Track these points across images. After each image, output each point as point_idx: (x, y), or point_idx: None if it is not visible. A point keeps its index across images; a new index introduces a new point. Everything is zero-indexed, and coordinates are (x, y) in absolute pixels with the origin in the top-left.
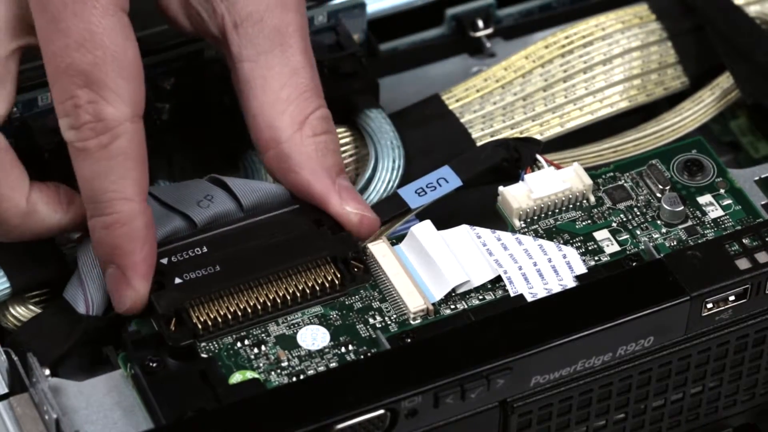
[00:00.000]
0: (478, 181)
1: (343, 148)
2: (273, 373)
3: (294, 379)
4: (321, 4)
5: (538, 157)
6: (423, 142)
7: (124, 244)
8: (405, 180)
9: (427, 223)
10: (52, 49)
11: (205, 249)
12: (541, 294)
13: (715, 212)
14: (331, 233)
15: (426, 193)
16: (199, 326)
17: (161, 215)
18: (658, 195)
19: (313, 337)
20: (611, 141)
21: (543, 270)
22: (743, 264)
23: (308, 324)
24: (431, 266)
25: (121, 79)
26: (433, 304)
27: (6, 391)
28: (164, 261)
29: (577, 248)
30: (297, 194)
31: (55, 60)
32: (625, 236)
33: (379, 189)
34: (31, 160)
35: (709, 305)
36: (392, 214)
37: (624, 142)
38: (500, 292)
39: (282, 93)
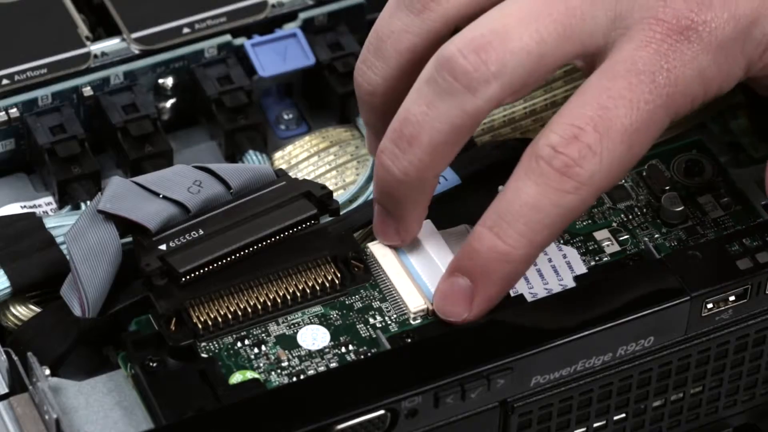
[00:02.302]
0: (477, 180)
1: (343, 148)
2: (273, 373)
3: (294, 379)
4: (321, 4)
5: None
6: None
7: (497, 272)
8: None
9: (428, 223)
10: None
11: (201, 232)
12: (542, 294)
13: (715, 212)
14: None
15: None
16: (199, 326)
17: (155, 204)
18: (659, 195)
19: (314, 336)
20: None
21: (543, 270)
22: (743, 264)
23: (308, 324)
24: (431, 266)
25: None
26: (433, 304)
27: (6, 391)
28: (163, 247)
29: (578, 248)
30: None
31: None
32: (625, 236)
33: None
34: (32, 160)
35: (710, 305)
36: None
37: None
38: None
39: None
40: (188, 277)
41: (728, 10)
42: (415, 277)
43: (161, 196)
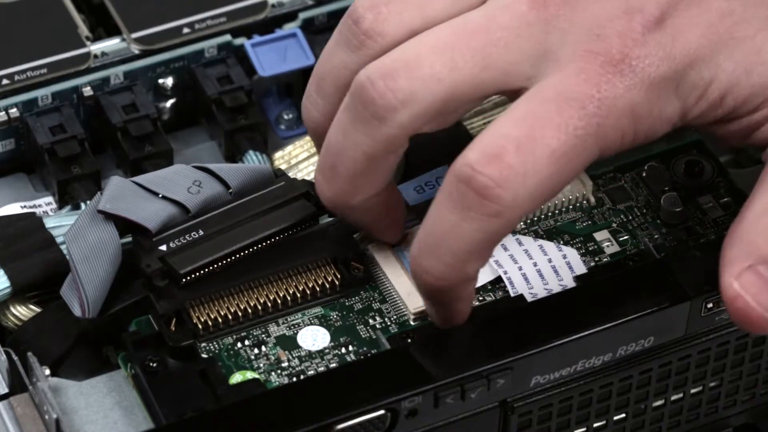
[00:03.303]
0: None
1: None
2: (273, 373)
3: (294, 379)
4: (321, 4)
5: None
6: (423, 141)
7: (437, 300)
8: (405, 179)
9: None
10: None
11: (201, 232)
12: (542, 294)
13: (715, 212)
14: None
15: (425, 191)
16: (200, 326)
17: (155, 205)
18: (659, 195)
19: (314, 337)
20: None
21: (543, 270)
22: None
23: (308, 324)
24: None
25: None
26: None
27: (6, 391)
28: (163, 248)
29: (578, 249)
30: None
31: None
32: (625, 237)
33: None
34: (32, 160)
35: (709, 305)
36: None
37: None
38: (500, 292)
39: None
40: (189, 278)
41: (663, 48)
42: None
43: (160, 196)
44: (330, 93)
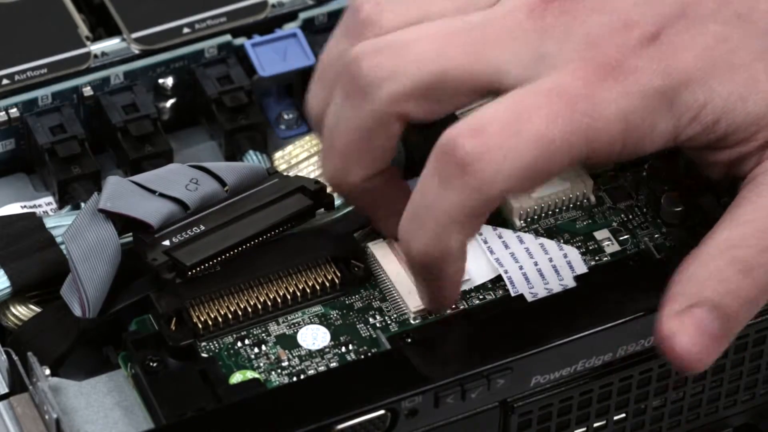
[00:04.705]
0: None
1: None
2: (273, 372)
3: (294, 378)
4: (321, 4)
5: None
6: (423, 141)
7: (426, 275)
8: (405, 179)
9: None
10: None
11: (202, 227)
12: (542, 294)
13: (715, 212)
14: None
15: None
16: (200, 326)
17: (154, 202)
18: (659, 195)
19: (314, 336)
20: None
21: (544, 270)
22: None
23: (308, 323)
24: None
25: None
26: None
27: (6, 390)
28: (166, 243)
29: (578, 248)
30: None
31: None
32: (625, 236)
33: None
34: (32, 160)
35: None
36: None
37: None
38: (501, 291)
39: None
40: (194, 270)
41: (659, 63)
42: None
43: (157, 193)
44: (330, 81)
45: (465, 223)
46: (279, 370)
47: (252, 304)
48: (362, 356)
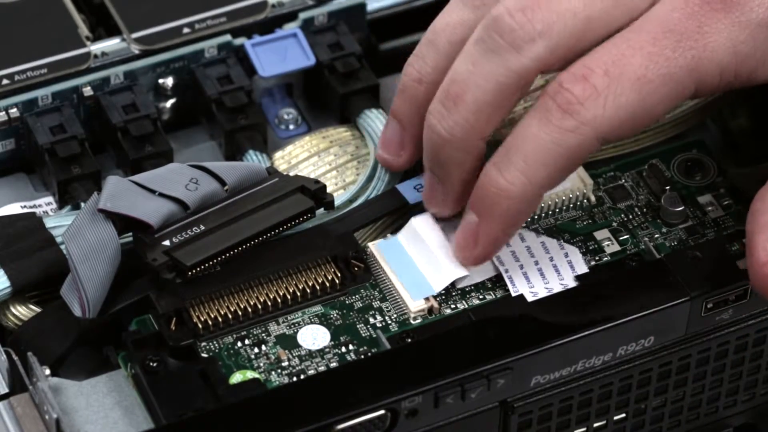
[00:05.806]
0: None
1: (343, 148)
2: (273, 372)
3: (294, 378)
4: (321, 4)
5: None
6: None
7: (497, 208)
8: (405, 179)
9: (427, 216)
10: None
11: (202, 227)
12: (542, 293)
13: (715, 212)
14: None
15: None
16: (200, 326)
17: (154, 202)
18: (659, 195)
19: (314, 336)
20: None
21: (544, 269)
22: (743, 264)
23: (308, 323)
24: (431, 258)
25: None
26: (435, 297)
27: (6, 390)
28: (166, 243)
29: (578, 248)
30: None
31: None
32: (625, 236)
33: (379, 188)
34: (32, 160)
35: (710, 305)
36: (390, 208)
37: None
38: (501, 291)
39: None
40: (194, 270)
41: None
42: (414, 269)
43: (157, 193)
44: (443, 47)
45: (557, 165)
46: (279, 370)
47: (252, 304)
48: (362, 356)
